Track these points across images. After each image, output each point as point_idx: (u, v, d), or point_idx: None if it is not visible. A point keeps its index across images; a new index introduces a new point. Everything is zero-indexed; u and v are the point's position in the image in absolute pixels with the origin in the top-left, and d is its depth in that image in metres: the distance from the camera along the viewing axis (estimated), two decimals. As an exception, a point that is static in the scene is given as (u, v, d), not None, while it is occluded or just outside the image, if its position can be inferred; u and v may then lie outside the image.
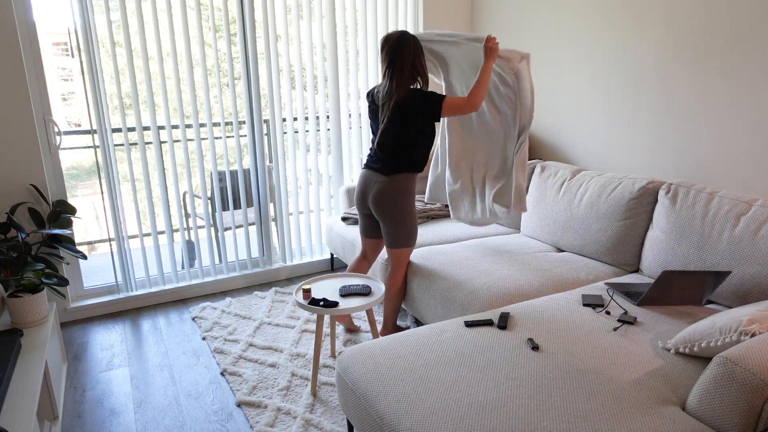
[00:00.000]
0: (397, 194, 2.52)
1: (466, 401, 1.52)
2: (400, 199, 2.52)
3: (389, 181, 2.51)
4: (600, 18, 2.99)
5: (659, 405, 1.51)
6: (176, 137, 3.28)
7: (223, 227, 3.51)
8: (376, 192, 2.54)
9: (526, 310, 2.08)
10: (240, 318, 3.10)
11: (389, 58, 2.40)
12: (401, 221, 2.56)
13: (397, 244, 2.60)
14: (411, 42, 2.41)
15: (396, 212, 2.54)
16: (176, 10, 3.09)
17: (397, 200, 2.52)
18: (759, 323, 1.57)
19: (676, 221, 2.34)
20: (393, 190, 2.51)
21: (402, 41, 2.39)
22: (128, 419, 2.25)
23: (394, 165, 2.50)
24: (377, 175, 2.55)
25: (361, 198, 2.65)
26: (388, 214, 2.55)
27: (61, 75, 13.58)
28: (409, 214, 2.56)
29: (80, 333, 3.02)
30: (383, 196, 2.52)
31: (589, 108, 3.14)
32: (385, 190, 2.51)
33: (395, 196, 2.52)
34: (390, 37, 2.42)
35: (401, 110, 2.40)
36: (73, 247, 2.82)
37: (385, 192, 2.52)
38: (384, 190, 2.52)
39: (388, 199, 2.52)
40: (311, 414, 2.20)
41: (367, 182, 2.60)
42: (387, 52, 2.41)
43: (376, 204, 2.56)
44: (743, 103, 2.40)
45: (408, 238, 2.60)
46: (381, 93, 2.48)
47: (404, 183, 2.52)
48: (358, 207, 2.72)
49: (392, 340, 1.88)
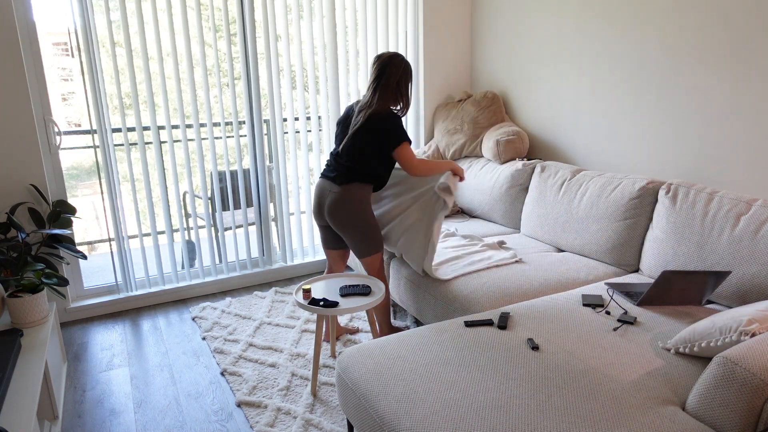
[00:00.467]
0: (351, 203, 2.48)
1: (466, 401, 1.52)
2: (355, 208, 2.49)
3: (342, 191, 2.48)
4: (600, 18, 2.99)
5: (659, 405, 1.51)
6: (176, 137, 3.28)
7: (223, 227, 3.51)
8: (330, 203, 2.51)
9: (526, 310, 2.08)
10: (240, 318, 3.10)
11: (377, 73, 2.45)
12: (360, 229, 2.51)
13: (365, 252, 2.56)
14: (401, 63, 2.45)
15: (352, 221, 2.50)
16: (176, 10, 3.09)
17: (351, 209, 2.48)
18: (759, 323, 1.57)
19: (676, 221, 2.34)
20: (347, 199, 2.48)
21: (393, 60, 2.44)
22: (128, 419, 2.25)
23: (349, 174, 2.48)
24: (331, 185, 2.52)
25: (318, 209, 2.61)
26: (347, 225, 2.51)
27: (61, 75, 13.58)
28: (367, 221, 2.52)
29: (80, 333, 3.02)
30: (338, 207, 2.49)
31: (590, 108, 3.14)
32: (338, 200, 2.48)
33: (349, 204, 2.48)
34: (383, 54, 2.47)
35: (373, 123, 2.42)
36: (73, 247, 2.82)
37: (339, 202, 2.48)
38: (337, 200, 2.48)
39: (343, 209, 2.48)
40: (311, 414, 2.20)
41: (323, 193, 2.56)
42: (376, 68, 2.45)
43: (332, 216, 2.52)
44: (743, 103, 2.40)
45: (373, 243, 2.56)
46: (361, 102, 2.50)
47: (357, 192, 2.49)
48: (315, 219, 2.67)
49: (392, 340, 1.88)
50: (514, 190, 3.21)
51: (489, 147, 3.43)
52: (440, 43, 3.86)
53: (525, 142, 3.41)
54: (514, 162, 3.29)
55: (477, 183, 3.44)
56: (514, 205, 3.23)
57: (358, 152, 2.46)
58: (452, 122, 3.75)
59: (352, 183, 2.49)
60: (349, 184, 2.48)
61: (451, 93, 4.02)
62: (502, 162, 3.38)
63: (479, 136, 3.62)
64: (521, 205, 3.21)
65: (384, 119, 2.42)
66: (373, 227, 2.55)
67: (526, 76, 3.55)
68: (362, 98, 2.53)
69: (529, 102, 3.57)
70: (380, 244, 2.60)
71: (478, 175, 3.46)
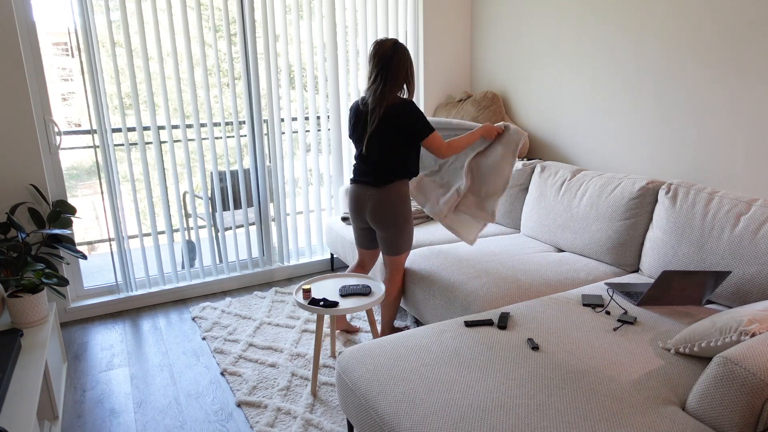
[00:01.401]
0: (395, 203, 2.47)
1: (466, 401, 1.52)
2: (399, 208, 2.48)
3: (384, 193, 2.46)
4: (600, 18, 2.99)
5: (659, 405, 1.51)
6: (176, 137, 3.28)
7: (223, 227, 3.51)
8: (374, 206, 2.49)
9: (526, 310, 2.09)
10: (240, 318, 3.10)
11: (381, 64, 2.36)
12: (401, 229, 2.52)
13: (397, 251, 2.58)
14: (404, 50, 2.40)
15: (396, 221, 2.50)
16: (176, 10, 3.09)
17: (396, 210, 2.48)
18: (759, 323, 1.57)
19: (676, 221, 2.34)
20: (389, 201, 2.46)
21: (396, 48, 2.37)
22: (128, 419, 2.25)
23: (384, 175, 2.45)
24: (369, 188, 2.50)
25: (357, 213, 2.59)
26: (389, 225, 2.50)
27: (61, 75, 13.58)
28: (407, 221, 2.53)
29: (80, 333, 3.02)
30: (382, 209, 2.48)
31: (590, 108, 3.14)
32: (382, 202, 2.47)
33: (393, 206, 2.47)
34: (384, 42, 2.38)
35: (392, 120, 2.36)
36: (73, 247, 2.82)
37: (383, 204, 2.47)
38: (381, 202, 2.47)
39: (388, 211, 2.48)
40: (311, 414, 2.20)
41: (360, 197, 2.54)
42: (380, 59, 2.36)
43: (375, 218, 2.51)
44: (743, 103, 2.40)
45: (407, 244, 2.59)
46: (371, 97, 2.41)
47: (398, 190, 2.47)
48: (354, 221, 2.66)
49: (392, 340, 1.88)
50: (514, 190, 3.21)
51: (489, 147, 3.43)
52: (440, 43, 3.86)
53: (525, 142, 3.41)
54: (514, 162, 3.29)
55: (477, 183, 3.44)
56: (514, 205, 3.23)
57: (388, 149, 2.41)
58: (452, 122, 3.74)
59: (393, 183, 2.46)
60: (390, 185, 2.46)
61: (451, 93, 4.02)
62: (502, 162, 3.37)
63: (479, 136, 3.62)
64: (521, 205, 3.22)
65: (404, 111, 2.36)
66: (410, 226, 2.56)
67: (526, 76, 3.55)
68: (367, 92, 2.44)
69: (529, 102, 3.57)
70: (411, 243, 2.61)
71: (478, 175, 3.46)
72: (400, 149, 2.42)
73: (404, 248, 2.59)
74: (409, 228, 2.55)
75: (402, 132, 2.38)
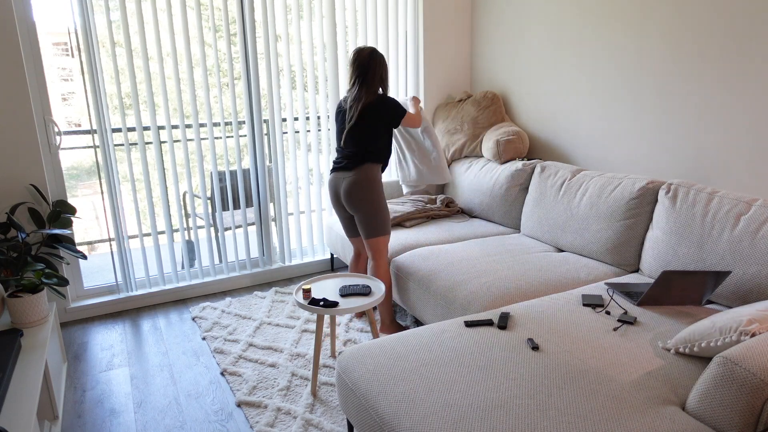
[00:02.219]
0: (365, 183, 2.66)
1: (466, 401, 1.52)
2: (369, 187, 2.67)
3: (356, 173, 2.67)
4: (601, 18, 2.99)
5: (659, 405, 1.51)
6: (176, 137, 3.28)
7: (223, 227, 3.51)
8: (346, 186, 2.69)
9: (526, 310, 2.08)
10: (240, 318, 3.10)
11: (359, 70, 2.67)
12: (373, 209, 2.69)
13: (374, 233, 2.71)
14: (380, 58, 2.69)
15: (367, 201, 2.67)
16: (176, 10, 3.09)
17: (366, 188, 2.66)
18: (759, 323, 1.57)
19: (676, 221, 2.34)
20: (361, 180, 2.66)
21: (373, 56, 2.67)
22: (128, 419, 2.25)
23: (358, 159, 2.68)
24: (342, 172, 2.73)
25: (335, 198, 2.81)
26: (360, 205, 2.68)
27: (61, 75, 13.58)
28: (379, 201, 2.70)
29: (80, 333, 3.02)
30: (353, 188, 2.67)
31: (590, 108, 3.15)
32: (354, 181, 2.66)
33: (364, 184, 2.66)
34: (362, 50, 2.67)
35: (369, 110, 2.66)
36: (73, 247, 2.82)
37: (354, 183, 2.66)
38: (353, 182, 2.67)
39: (359, 189, 2.66)
40: (311, 414, 2.20)
41: (336, 183, 2.77)
42: (359, 65, 2.66)
43: (348, 197, 2.69)
44: (743, 103, 2.40)
45: (383, 225, 2.73)
46: (350, 98, 2.70)
47: (370, 172, 2.67)
48: (335, 209, 2.87)
49: (392, 340, 1.88)
50: (514, 190, 3.21)
51: (489, 147, 3.43)
52: (440, 43, 3.86)
53: (525, 142, 3.41)
54: (514, 162, 3.29)
55: (477, 183, 3.44)
56: (514, 205, 3.23)
57: (363, 137, 2.67)
58: (452, 122, 3.75)
59: (364, 164, 2.68)
60: (362, 166, 2.68)
61: (451, 93, 4.02)
62: (502, 162, 3.38)
63: (479, 136, 3.62)
64: (521, 205, 3.22)
65: (381, 104, 2.68)
66: (384, 208, 2.73)
67: (526, 76, 3.55)
68: (348, 93, 2.74)
69: (529, 102, 3.57)
70: (389, 226, 2.76)
71: (478, 175, 3.46)
72: (376, 137, 2.69)
73: (381, 230, 2.73)
74: (382, 210, 2.71)
75: (382, 120, 2.69)
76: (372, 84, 2.68)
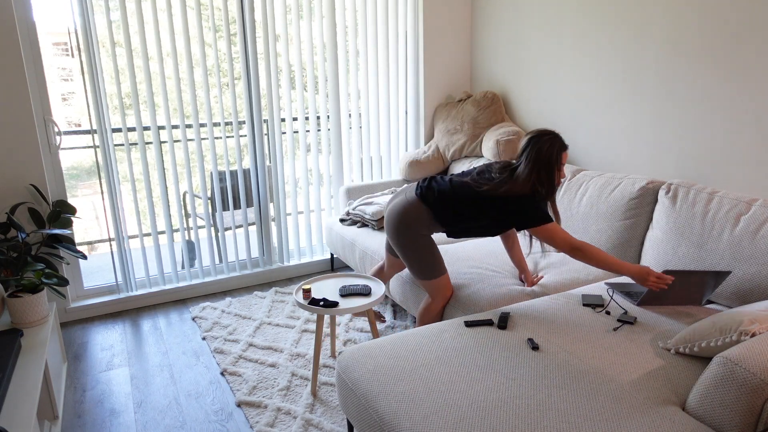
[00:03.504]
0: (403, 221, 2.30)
1: (466, 401, 1.52)
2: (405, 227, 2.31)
3: (407, 204, 2.30)
4: (600, 17, 2.99)
5: (659, 405, 1.51)
6: (176, 137, 3.28)
7: (223, 227, 3.51)
8: (388, 212, 2.39)
9: (526, 310, 2.09)
10: (240, 318, 3.10)
11: (530, 156, 2.14)
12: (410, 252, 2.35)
13: (420, 276, 2.38)
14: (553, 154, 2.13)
15: (401, 240, 2.34)
16: (176, 10, 3.09)
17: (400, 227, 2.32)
18: (759, 323, 1.57)
19: (676, 221, 2.34)
20: (401, 214, 2.31)
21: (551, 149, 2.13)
22: (128, 419, 2.25)
23: (429, 196, 2.27)
24: (401, 195, 2.35)
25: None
26: (396, 241, 2.36)
27: (61, 75, 13.59)
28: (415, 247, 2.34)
29: (80, 333, 3.02)
30: (392, 219, 2.35)
31: (590, 108, 3.15)
32: (397, 211, 2.33)
33: (401, 223, 2.31)
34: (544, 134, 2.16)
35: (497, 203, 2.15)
36: (73, 247, 2.82)
37: (395, 214, 2.33)
38: (395, 211, 2.33)
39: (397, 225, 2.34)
40: (311, 414, 2.20)
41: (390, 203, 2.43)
42: (531, 150, 2.15)
43: (387, 229, 2.41)
44: (743, 103, 2.40)
45: (428, 271, 2.34)
46: (499, 170, 2.21)
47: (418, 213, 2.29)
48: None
49: (392, 340, 1.88)
50: (514, 190, 3.21)
51: (489, 147, 3.43)
52: (440, 43, 3.86)
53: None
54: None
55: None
56: (514, 205, 3.23)
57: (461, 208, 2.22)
58: (452, 122, 3.75)
59: (425, 205, 2.26)
60: (421, 203, 2.26)
61: (451, 93, 4.02)
62: (502, 162, 3.38)
63: (479, 136, 3.62)
64: (521, 205, 3.21)
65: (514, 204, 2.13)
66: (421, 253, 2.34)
67: (526, 76, 3.55)
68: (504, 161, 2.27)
69: (529, 102, 3.57)
70: (434, 270, 2.35)
71: (478, 175, 3.46)
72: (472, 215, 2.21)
73: (426, 275, 2.32)
74: (419, 254, 2.31)
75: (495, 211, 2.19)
76: (528, 177, 2.12)
